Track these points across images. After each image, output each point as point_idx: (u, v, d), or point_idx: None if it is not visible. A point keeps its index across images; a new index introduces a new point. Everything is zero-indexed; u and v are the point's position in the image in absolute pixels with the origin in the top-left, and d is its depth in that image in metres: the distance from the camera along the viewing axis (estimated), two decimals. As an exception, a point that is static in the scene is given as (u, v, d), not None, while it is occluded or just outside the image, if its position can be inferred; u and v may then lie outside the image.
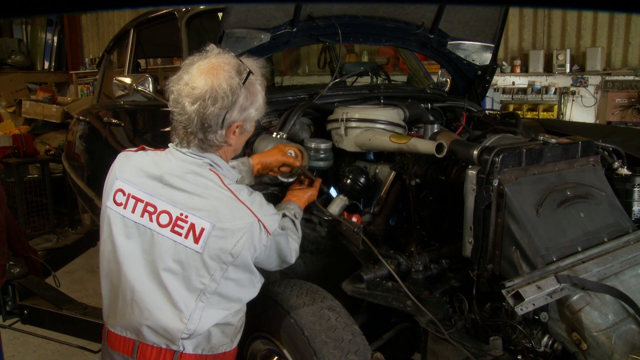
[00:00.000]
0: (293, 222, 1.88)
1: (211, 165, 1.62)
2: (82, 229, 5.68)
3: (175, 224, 1.55)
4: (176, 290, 1.55)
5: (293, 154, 2.07)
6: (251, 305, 1.73)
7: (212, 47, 1.61)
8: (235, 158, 1.90)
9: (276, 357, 1.92)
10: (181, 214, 1.55)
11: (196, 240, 1.53)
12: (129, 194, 1.61)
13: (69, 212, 6.05)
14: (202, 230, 1.53)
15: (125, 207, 1.61)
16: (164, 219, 1.56)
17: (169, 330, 1.56)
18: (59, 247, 4.74)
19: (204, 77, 1.52)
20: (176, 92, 1.56)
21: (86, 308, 2.91)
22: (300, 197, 2.04)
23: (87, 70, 10.17)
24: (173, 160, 1.63)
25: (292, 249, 1.78)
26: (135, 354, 1.61)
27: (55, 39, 10.85)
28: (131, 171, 1.64)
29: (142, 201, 1.59)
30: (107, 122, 3.56)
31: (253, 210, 1.58)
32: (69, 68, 10.73)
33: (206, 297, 1.56)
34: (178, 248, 1.54)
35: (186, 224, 1.54)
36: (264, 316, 1.85)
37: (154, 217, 1.57)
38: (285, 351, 1.82)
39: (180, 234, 1.54)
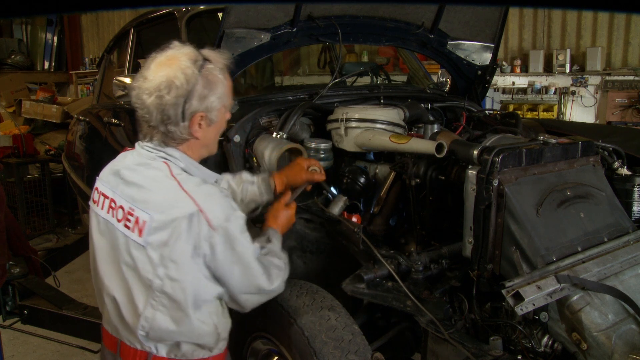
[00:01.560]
0: (269, 247, 1.75)
1: (165, 158, 1.57)
2: (82, 229, 5.69)
3: (126, 218, 1.55)
4: (134, 285, 1.55)
5: (317, 170, 2.02)
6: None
7: (174, 43, 1.60)
8: (252, 169, 1.87)
9: (276, 357, 1.92)
10: (130, 208, 1.55)
11: (140, 233, 1.52)
12: (101, 192, 1.64)
13: (69, 212, 6.05)
14: (144, 222, 1.51)
15: (98, 205, 1.64)
16: (120, 213, 1.57)
17: (130, 326, 1.56)
18: (59, 247, 4.75)
19: (159, 69, 1.53)
20: (137, 88, 1.56)
21: (86, 308, 2.91)
22: (276, 218, 1.88)
23: (87, 70, 10.17)
24: (134, 154, 1.63)
25: (266, 268, 1.62)
26: (118, 352, 1.62)
27: (55, 39, 10.85)
28: (105, 170, 1.68)
29: (107, 197, 1.61)
30: (107, 122, 3.56)
31: (195, 198, 1.49)
32: (69, 68, 10.72)
33: (156, 296, 1.52)
34: (129, 242, 1.54)
35: (133, 217, 1.53)
36: (264, 316, 1.85)
37: (114, 212, 1.59)
38: (285, 351, 1.82)
39: (129, 228, 1.54)
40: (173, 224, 1.48)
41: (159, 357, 1.58)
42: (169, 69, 1.51)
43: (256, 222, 2.08)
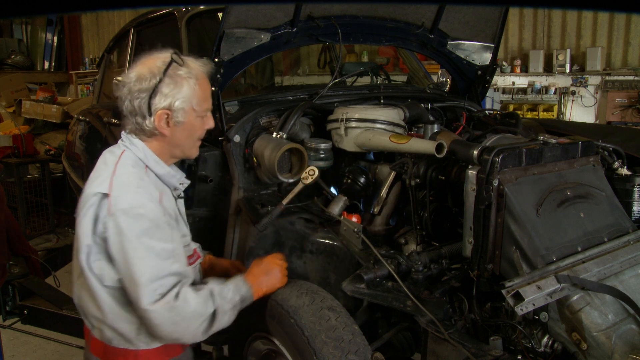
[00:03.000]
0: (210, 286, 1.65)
1: (127, 146, 1.66)
2: (82, 229, 5.67)
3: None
4: (74, 263, 1.64)
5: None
6: (251, 305, 1.73)
7: (168, 49, 1.71)
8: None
9: (276, 357, 1.92)
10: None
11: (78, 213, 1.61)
12: None
13: (69, 212, 6.04)
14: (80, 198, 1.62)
15: None
16: None
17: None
18: (59, 247, 4.74)
19: (137, 66, 1.65)
20: (119, 82, 1.68)
21: (86, 308, 2.90)
22: (257, 277, 1.77)
23: (87, 70, 10.17)
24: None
25: (161, 288, 1.52)
26: (85, 337, 1.76)
27: (55, 39, 10.85)
28: None
29: None
30: (107, 122, 3.56)
31: (113, 182, 1.56)
32: (69, 68, 10.73)
33: (79, 273, 1.60)
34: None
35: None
36: (264, 316, 1.85)
37: None
38: (285, 351, 1.82)
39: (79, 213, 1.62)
40: (87, 199, 1.58)
41: (95, 339, 1.68)
42: (143, 66, 1.64)
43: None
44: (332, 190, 2.40)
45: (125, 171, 1.61)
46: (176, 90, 1.62)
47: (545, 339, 1.71)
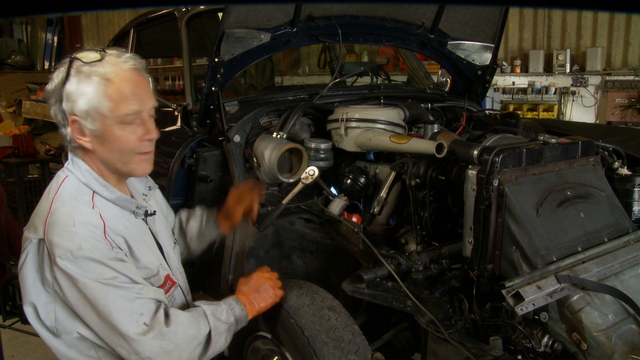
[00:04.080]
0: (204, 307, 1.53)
1: (70, 170, 1.48)
2: (82, 229, 5.67)
3: None
4: None
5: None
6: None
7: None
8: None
9: (276, 357, 1.92)
10: None
11: None
12: None
13: (69, 212, 6.04)
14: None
15: None
16: None
17: None
18: (59, 247, 4.71)
19: None
20: None
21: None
22: (248, 296, 1.65)
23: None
24: None
25: (141, 308, 1.40)
26: None
27: (55, 39, 10.86)
28: None
29: None
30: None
31: (47, 224, 1.38)
32: (69, 68, 10.71)
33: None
34: None
35: None
36: (264, 316, 1.85)
37: None
38: (285, 351, 1.82)
39: None
40: (23, 242, 1.43)
41: None
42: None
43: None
44: (332, 190, 2.39)
45: (61, 206, 1.40)
46: (80, 90, 1.40)
47: (545, 339, 1.71)
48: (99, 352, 1.49)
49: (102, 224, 1.41)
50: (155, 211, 1.68)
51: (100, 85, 1.40)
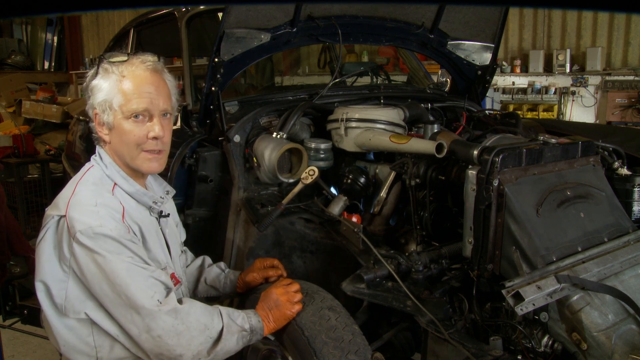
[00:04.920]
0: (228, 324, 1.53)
1: (96, 162, 1.58)
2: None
3: None
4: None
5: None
6: (251, 305, 1.73)
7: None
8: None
9: (276, 357, 1.92)
10: None
11: None
12: None
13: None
14: None
15: None
16: None
17: None
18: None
19: None
20: None
21: (86, 308, 2.90)
22: (267, 310, 1.64)
23: (87, 70, 10.13)
24: None
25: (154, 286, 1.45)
26: None
27: (55, 39, 10.85)
28: None
29: None
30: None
31: (69, 203, 1.46)
32: (69, 68, 10.72)
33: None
34: None
35: None
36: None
37: None
38: (285, 351, 1.82)
39: None
40: (44, 220, 1.51)
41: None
42: None
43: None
44: (332, 190, 2.39)
45: (84, 189, 1.50)
46: (100, 85, 1.53)
47: (545, 339, 1.71)
48: (97, 341, 1.52)
49: (122, 209, 1.50)
50: (169, 214, 1.75)
51: (116, 82, 1.51)
